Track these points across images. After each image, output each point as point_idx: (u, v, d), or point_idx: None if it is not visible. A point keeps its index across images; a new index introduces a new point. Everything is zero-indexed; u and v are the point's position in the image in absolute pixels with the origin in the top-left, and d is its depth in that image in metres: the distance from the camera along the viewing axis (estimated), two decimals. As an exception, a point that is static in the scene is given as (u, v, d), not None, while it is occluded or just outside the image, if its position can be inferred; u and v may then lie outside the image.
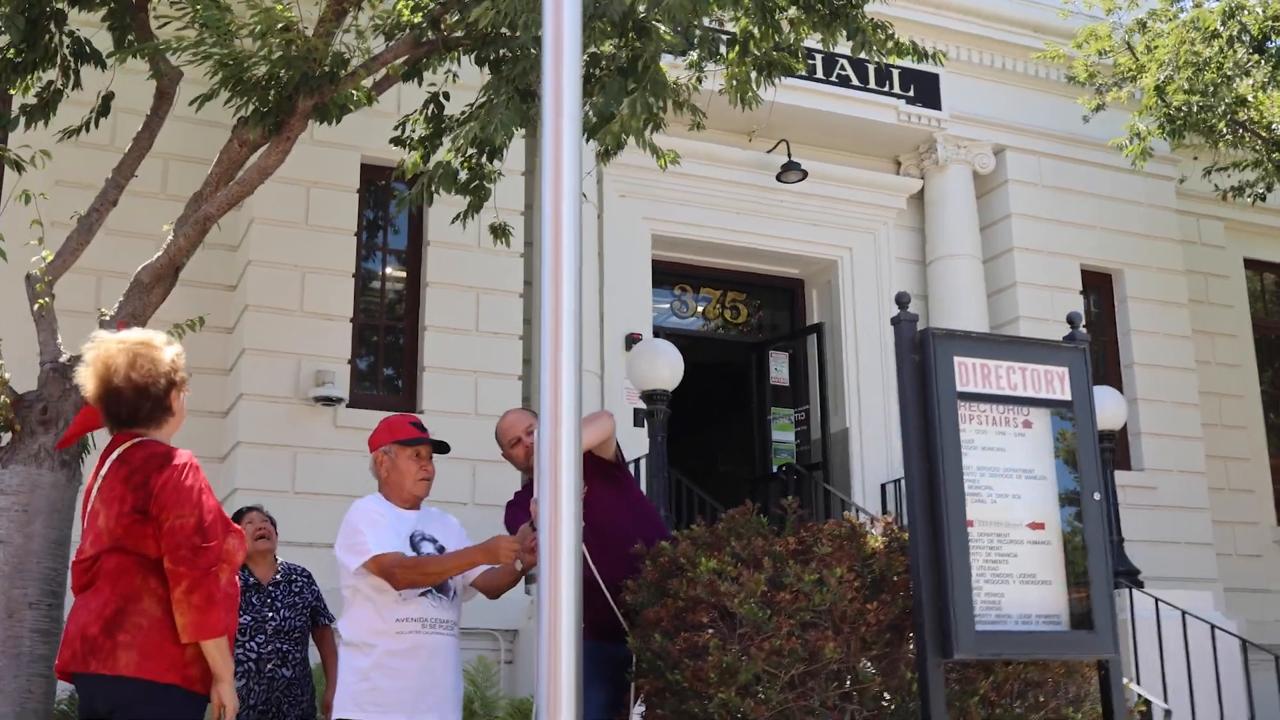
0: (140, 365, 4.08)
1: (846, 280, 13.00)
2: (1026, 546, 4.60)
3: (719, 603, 4.52)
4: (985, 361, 4.60)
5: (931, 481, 4.46)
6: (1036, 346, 4.81)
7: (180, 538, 3.87)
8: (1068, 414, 4.70)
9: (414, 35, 7.67)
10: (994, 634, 4.41)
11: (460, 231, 10.54)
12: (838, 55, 12.52)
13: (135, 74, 8.81)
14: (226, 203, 7.82)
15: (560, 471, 3.52)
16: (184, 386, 4.20)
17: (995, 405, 4.62)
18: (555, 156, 3.95)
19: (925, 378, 4.52)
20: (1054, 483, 4.68)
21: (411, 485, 5.09)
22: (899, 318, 4.60)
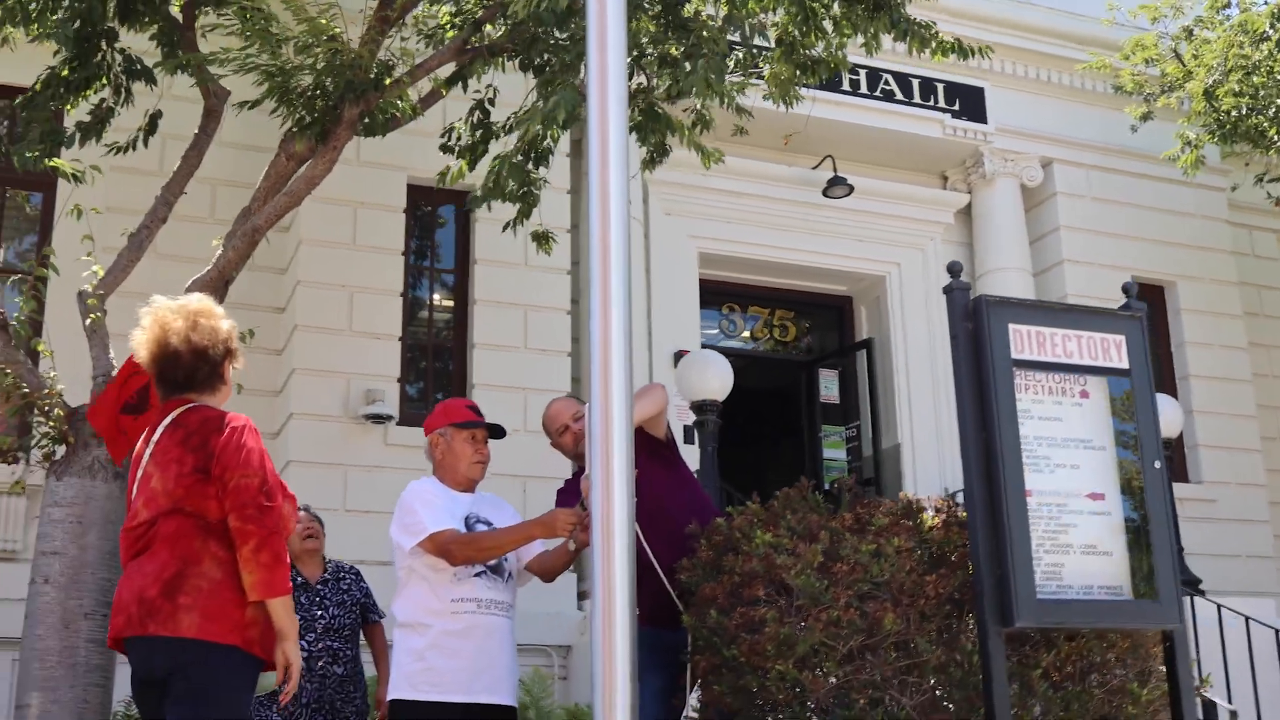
0: (201, 329, 4.11)
1: (895, 296, 12.92)
2: (1086, 517, 4.53)
3: (775, 576, 4.46)
4: (1040, 329, 4.55)
5: (988, 450, 4.40)
6: (1093, 315, 4.75)
7: (246, 496, 3.87)
8: (1126, 382, 4.62)
9: (458, 42, 7.71)
10: (1056, 603, 4.33)
11: (507, 249, 10.63)
12: (882, 70, 12.52)
13: (184, 100, 8.91)
14: (275, 214, 7.87)
15: (614, 500, 3.52)
16: (237, 357, 4.21)
17: (1051, 374, 4.55)
18: (602, 151, 3.96)
19: (979, 345, 4.46)
20: (1113, 453, 4.61)
21: (466, 468, 5.06)
22: (951, 286, 4.55)
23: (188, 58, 7.66)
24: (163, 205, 8.09)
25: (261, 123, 9.21)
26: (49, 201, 10.04)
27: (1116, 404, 4.61)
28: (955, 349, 4.51)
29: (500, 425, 5.25)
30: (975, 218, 13.15)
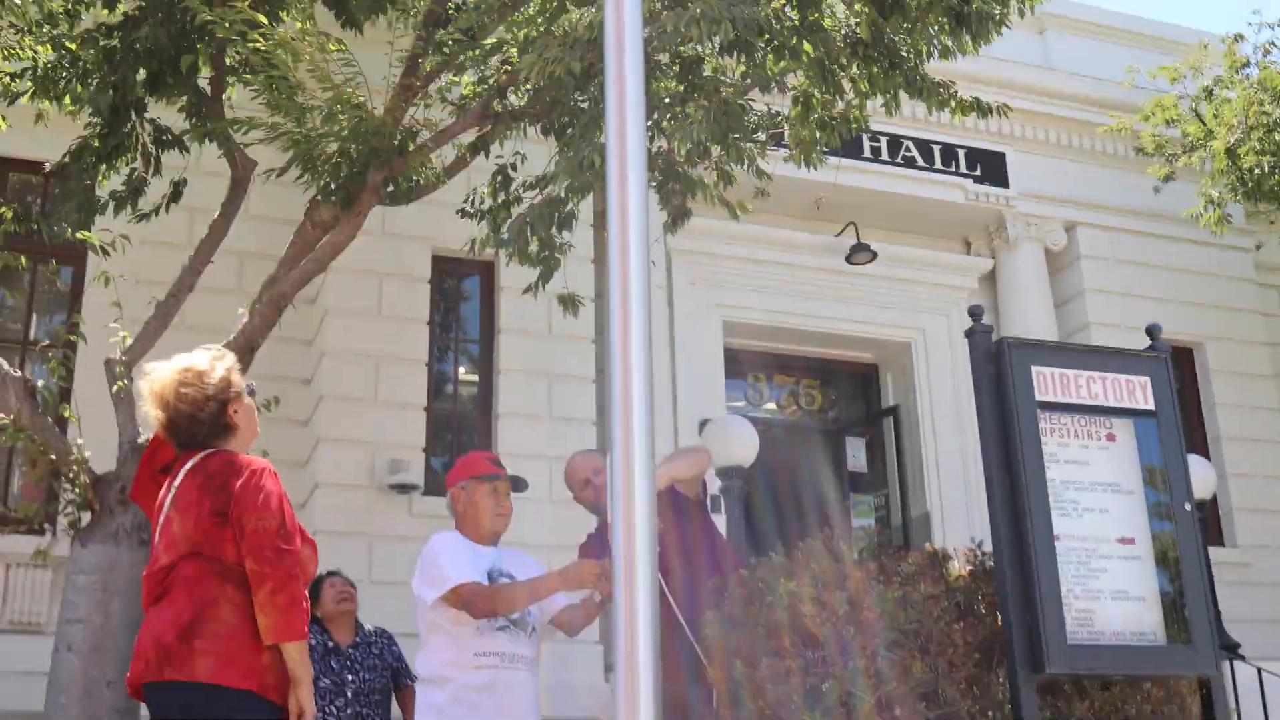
0: (185, 393, 4.12)
1: (921, 363, 12.88)
2: (1117, 562, 4.46)
3: (801, 625, 4.40)
4: (1064, 371, 4.51)
5: (1014, 493, 4.36)
6: (1117, 356, 4.71)
7: (264, 540, 3.86)
8: (1152, 424, 4.57)
9: (480, 107, 7.77)
10: (1087, 648, 4.26)
11: (532, 319, 10.66)
12: (903, 136, 12.58)
13: (212, 174, 8.99)
14: (300, 280, 7.92)
15: (636, 558, 3.49)
16: (240, 399, 4.19)
17: (1076, 416, 4.51)
18: (621, 207, 3.97)
19: (1003, 388, 4.43)
20: (1142, 496, 4.55)
21: (489, 521, 5.04)
22: (974, 329, 4.53)
23: (214, 124, 7.74)
24: (190, 275, 8.15)
25: (288, 196, 9.30)
26: (79, 272, 10.13)
27: (1144, 447, 4.55)
28: (978, 392, 4.48)
29: (522, 477, 5.23)
30: (1000, 282, 13.14)
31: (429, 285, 10.84)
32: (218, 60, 8.07)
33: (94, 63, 7.86)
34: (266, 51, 7.14)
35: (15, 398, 7.36)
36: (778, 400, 13.41)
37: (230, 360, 4.27)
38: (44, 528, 9.16)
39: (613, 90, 4.02)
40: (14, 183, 10.48)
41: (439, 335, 11.11)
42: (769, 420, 13.07)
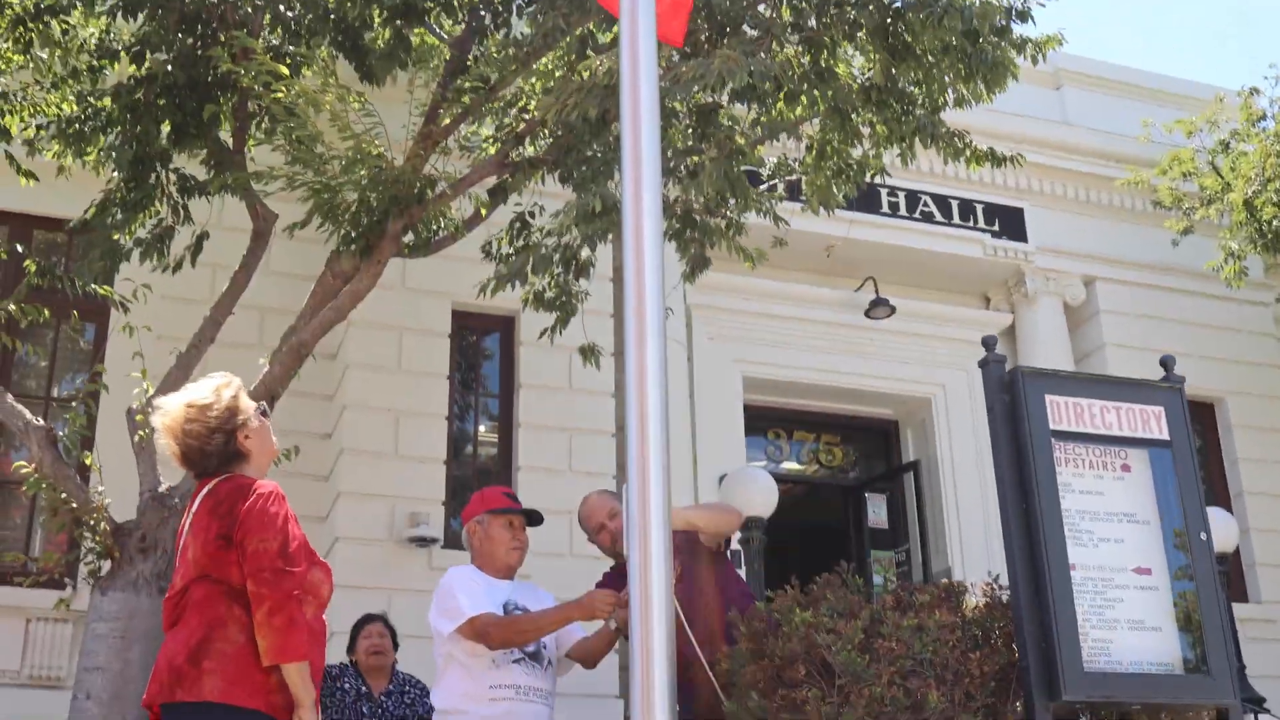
0: (190, 427, 4.18)
1: (941, 418, 12.86)
2: (1133, 591, 4.45)
3: (816, 655, 4.39)
4: (1078, 400, 4.52)
5: (1029, 522, 4.35)
6: (1131, 386, 4.72)
7: (263, 561, 3.88)
8: (1167, 454, 4.57)
9: (499, 156, 7.86)
10: (1104, 675, 4.24)
11: (551, 373, 10.70)
12: (920, 192, 12.64)
13: (234, 230, 9.10)
14: (320, 329, 7.98)
15: (653, 623, 3.51)
16: (247, 425, 4.22)
17: (1091, 446, 4.52)
18: (637, 253, 4.03)
19: (1016, 416, 4.44)
20: (1158, 526, 4.54)
21: (504, 554, 5.06)
22: (987, 359, 4.55)
23: (235, 176, 7.84)
24: (211, 326, 8.23)
25: (308, 252, 9.40)
26: (101, 326, 10.22)
27: (1159, 476, 4.54)
28: (992, 422, 4.49)
29: (537, 511, 5.24)
30: (1019, 337, 13.13)
31: (449, 340, 10.89)
32: (239, 111, 8.20)
33: (117, 115, 7.98)
34: (288, 103, 7.26)
35: (38, 446, 7.42)
36: (798, 456, 13.39)
37: (235, 387, 4.30)
38: (65, 581, 9.20)
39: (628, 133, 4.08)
40: (38, 240, 10.60)
41: (459, 389, 11.15)
42: (789, 477, 13.05)
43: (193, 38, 8.09)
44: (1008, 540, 4.37)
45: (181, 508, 7.45)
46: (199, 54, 7.88)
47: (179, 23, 7.97)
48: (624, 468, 11.08)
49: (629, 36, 4.14)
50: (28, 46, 8.17)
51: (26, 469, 7.49)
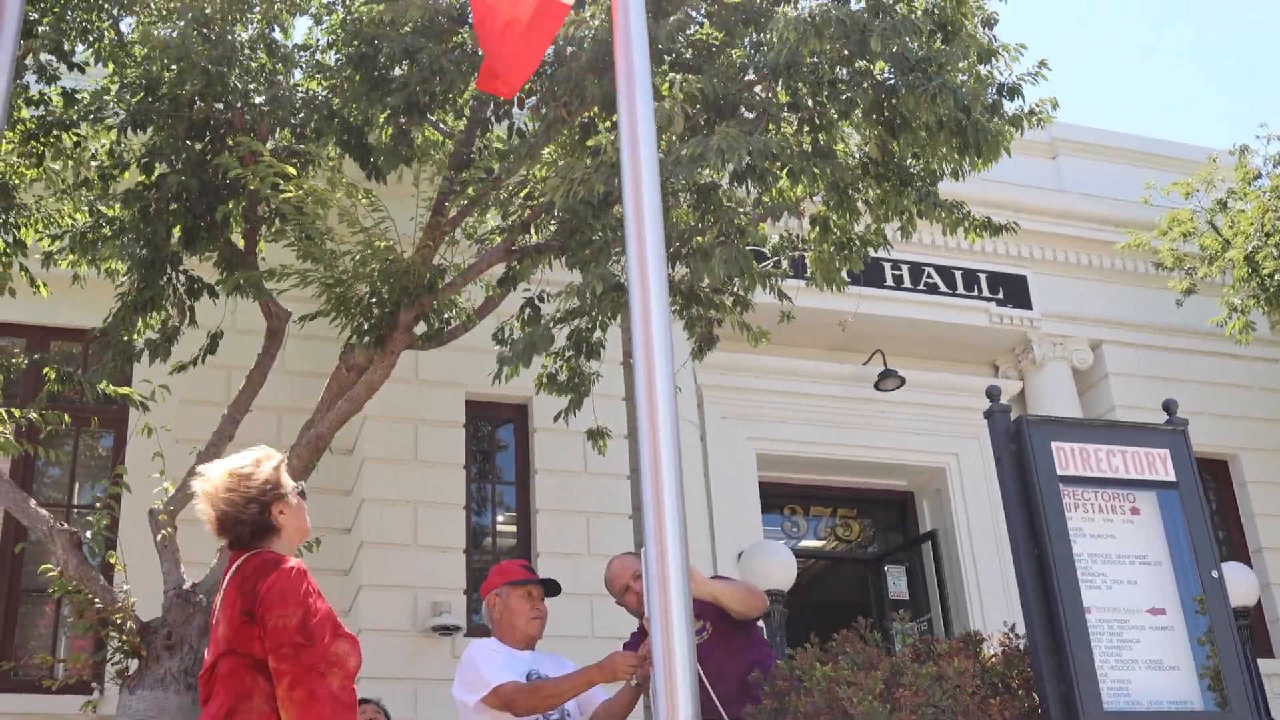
0: (229, 496, 4.21)
1: (956, 487, 12.90)
2: (1149, 632, 4.51)
3: (838, 708, 4.44)
4: (1084, 446, 4.60)
5: (1042, 567, 4.42)
6: (1135, 430, 4.81)
7: (283, 636, 3.92)
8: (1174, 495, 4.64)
9: (506, 243, 8.02)
10: (1124, 715, 4.28)
11: (566, 458, 10.79)
12: (923, 264, 12.79)
13: (248, 332, 9.24)
14: (337, 421, 8.09)
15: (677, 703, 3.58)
16: (284, 500, 4.27)
17: (1099, 490, 4.59)
18: (645, 330, 4.15)
19: (1024, 464, 4.52)
20: (1169, 567, 4.60)
21: (524, 625, 5.12)
22: (992, 409, 4.63)
23: (247, 276, 8.00)
24: (229, 423, 8.35)
25: (322, 349, 9.55)
26: (121, 431, 10.34)
27: (1168, 518, 4.61)
28: (1000, 471, 4.57)
29: (555, 580, 5.31)
30: (1029, 403, 13.19)
31: (463, 429, 10.99)
32: (249, 213, 8.38)
33: (130, 220, 8.17)
34: (296, 202, 7.43)
35: (62, 550, 7.51)
36: (815, 532, 13.42)
37: (276, 460, 4.34)
38: (92, 686, 9.23)
39: (631, 219, 4.21)
40: (55, 350, 10.76)
41: (475, 478, 11.24)
42: (808, 553, 13.08)
43: (201, 143, 8.30)
44: (1022, 586, 4.43)
45: (207, 604, 7.54)
46: (208, 159, 8.08)
47: (187, 131, 8.18)
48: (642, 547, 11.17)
49: (628, 119, 4.27)
50: (40, 159, 8.38)
51: (52, 573, 7.57)
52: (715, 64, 7.71)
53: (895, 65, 7.44)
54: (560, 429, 9.29)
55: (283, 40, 8.56)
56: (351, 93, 8.20)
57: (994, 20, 7.89)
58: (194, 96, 7.88)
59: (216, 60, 7.60)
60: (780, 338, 9.96)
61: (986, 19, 7.86)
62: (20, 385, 9.89)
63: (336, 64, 8.49)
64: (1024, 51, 7.77)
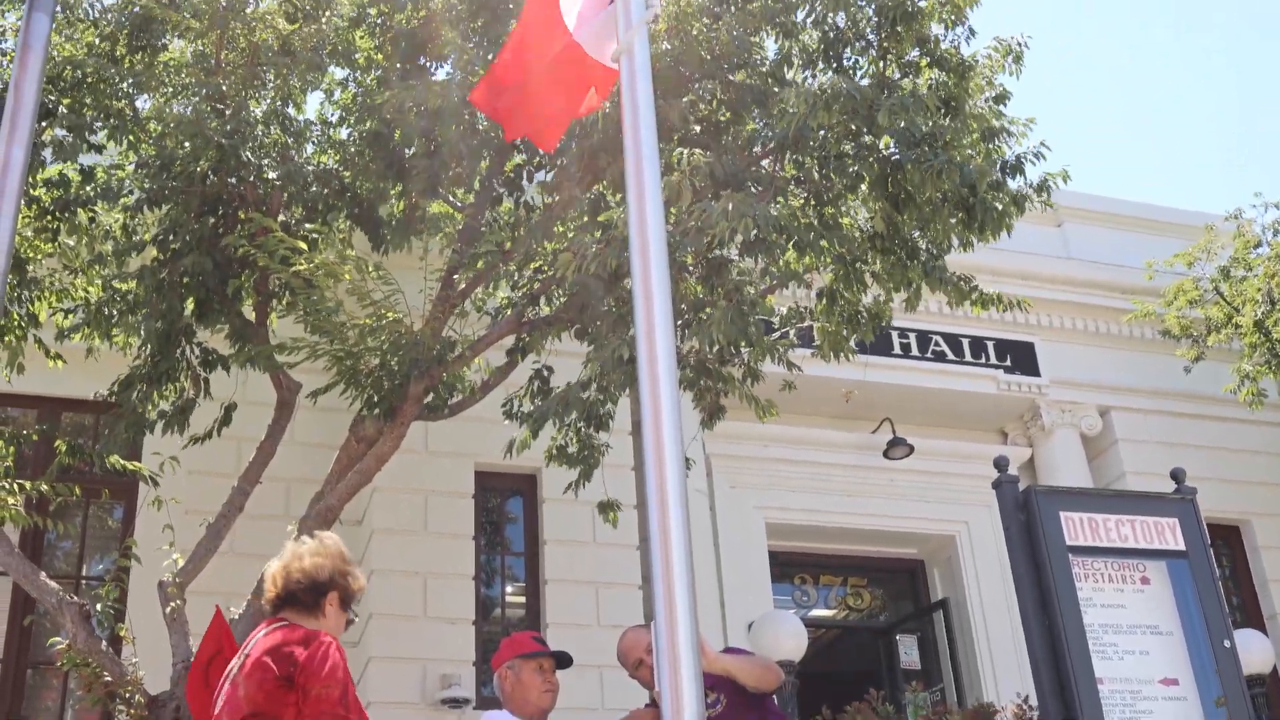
0: (307, 562, 4.40)
1: (967, 555, 12.86)
2: (1162, 703, 4.49)
3: (851, 782, 4.42)
4: (1093, 515, 4.61)
5: (1053, 638, 4.41)
6: (1143, 499, 4.82)
7: (326, 706, 4.02)
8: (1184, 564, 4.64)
9: (516, 315, 8.07)
10: (1142, 786, 4.26)
11: (575, 528, 10.78)
12: (931, 332, 12.82)
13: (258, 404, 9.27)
14: (347, 493, 8.11)
15: None
16: (339, 599, 4.42)
17: (1109, 560, 4.59)
18: (654, 403, 4.17)
19: (1033, 534, 4.53)
20: (1181, 637, 4.59)
21: (536, 697, 5.12)
22: (1000, 480, 4.65)
23: (258, 349, 8.05)
24: (239, 495, 8.37)
25: (332, 420, 9.58)
26: (131, 502, 10.35)
27: (1178, 587, 4.61)
28: (1009, 541, 4.58)
29: (566, 653, 5.31)
30: (1039, 470, 13.18)
31: (473, 500, 11.00)
32: (261, 286, 8.44)
33: (143, 296, 8.24)
34: (307, 276, 7.49)
35: (71, 622, 7.51)
36: (825, 601, 13.37)
37: (352, 568, 4.52)
38: (100, 764, 9.20)
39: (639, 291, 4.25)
40: (67, 421, 10.80)
41: (485, 549, 11.23)
42: (819, 622, 13.03)
43: (214, 218, 8.38)
44: (1033, 657, 4.43)
45: (218, 676, 7.52)
46: (220, 234, 8.16)
47: (201, 206, 8.27)
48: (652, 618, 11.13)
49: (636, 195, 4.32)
50: (54, 235, 8.46)
51: (61, 646, 7.57)
52: (723, 140, 7.80)
53: (901, 140, 7.51)
54: (569, 499, 9.30)
55: (295, 115, 8.67)
56: (364, 169, 8.29)
57: (1006, 96, 7.99)
58: (208, 172, 7.97)
59: (230, 136, 7.69)
60: (788, 406, 9.98)
61: (998, 95, 7.96)
62: (31, 457, 9.92)
63: (350, 139, 8.60)
64: (1032, 127, 7.86)
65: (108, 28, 8.26)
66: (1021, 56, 7.86)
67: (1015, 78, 7.94)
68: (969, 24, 7.92)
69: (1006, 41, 7.91)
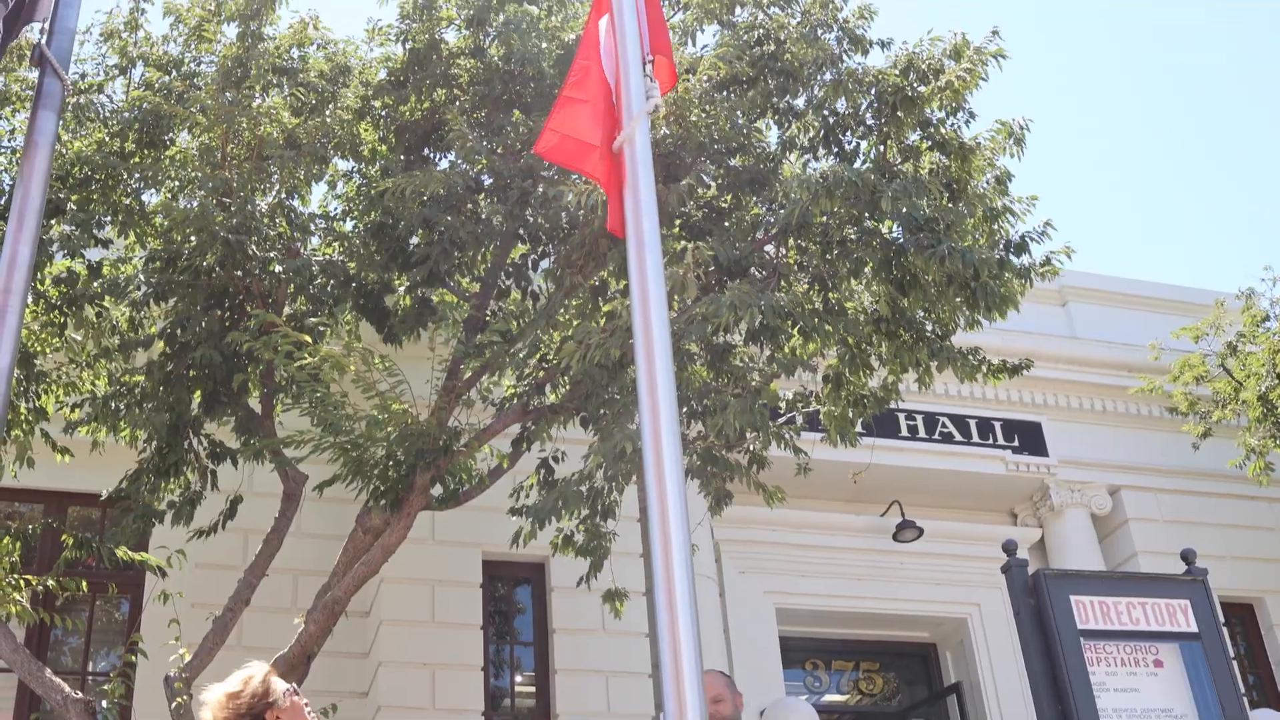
0: (222, 714, 4.41)
1: (979, 638, 12.75)
2: (1180, 789, 4.42)
3: None
4: (1103, 599, 4.58)
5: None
6: (1154, 581, 4.78)
7: None
8: (1197, 647, 4.60)
9: (521, 405, 8.07)
10: None
11: (584, 618, 10.72)
12: (938, 414, 12.81)
13: (265, 495, 9.28)
14: (354, 585, 8.08)
15: None
16: (276, 706, 4.42)
17: (1121, 644, 4.55)
18: (660, 492, 4.17)
19: (1044, 619, 4.49)
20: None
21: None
22: (1009, 564, 4.62)
23: (264, 442, 8.06)
24: (245, 589, 8.34)
25: (339, 511, 9.56)
26: (137, 597, 10.31)
27: (1192, 670, 4.57)
28: (1020, 626, 4.54)
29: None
30: (1050, 551, 13.11)
31: (480, 590, 10.94)
32: (267, 379, 8.47)
33: (150, 388, 8.26)
34: (312, 369, 7.51)
35: (76, 719, 7.45)
36: (838, 686, 13.23)
37: (259, 673, 4.53)
38: None
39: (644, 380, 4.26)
40: (73, 515, 10.79)
41: (493, 639, 11.15)
42: (831, 708, 12.89)
43: (221, 310, 8.42)
44: (1047, 745, 4.38)
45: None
46: (227, 328, 8.20)
47: (207, 299, 8.32)
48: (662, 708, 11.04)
49: (639, 283, 4.34)
50: (62, 330, 8.50)
51: (66, 744, 7.51)
52: (725, 225, 7.85)
53: (904, 224, 7.56)
54: (578, 588, 9.25)
55: (301, 207, 8.75)
56: (369, 259, 8.35)
57: (1009, 178, 8.04)
58: (214, 266, 8.03)
59: (236, 230, 7.75)
60: (796, 490, 9.94)
61: (1000, 176, 8.01)
62: (38, 550, 9.90)
63: (354, 231, 8.66)
64: (1034, 205, 7.89)
65: (117, 125, 8.36)
66: (1023, 139, 7.91)
67: (1017, 159, 7.99)
68: (969, 107, 8.00)
69: (1008, 123, 7.96)
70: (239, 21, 8.60)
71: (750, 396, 7.30)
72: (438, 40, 8.68)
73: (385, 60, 8.93)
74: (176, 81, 8.44)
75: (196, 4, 8.72)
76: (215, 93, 8.17)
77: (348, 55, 8.99)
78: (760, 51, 7.99)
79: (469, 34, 8.67)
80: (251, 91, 8.31)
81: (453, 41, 8.82)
